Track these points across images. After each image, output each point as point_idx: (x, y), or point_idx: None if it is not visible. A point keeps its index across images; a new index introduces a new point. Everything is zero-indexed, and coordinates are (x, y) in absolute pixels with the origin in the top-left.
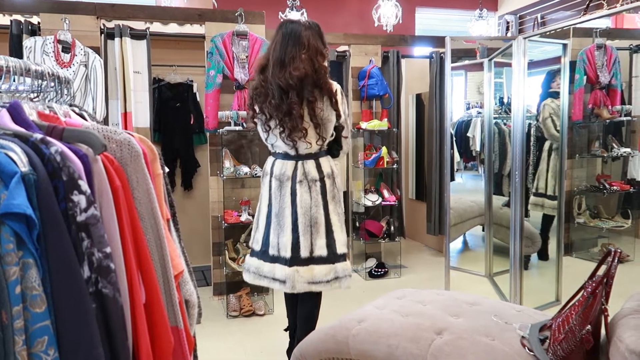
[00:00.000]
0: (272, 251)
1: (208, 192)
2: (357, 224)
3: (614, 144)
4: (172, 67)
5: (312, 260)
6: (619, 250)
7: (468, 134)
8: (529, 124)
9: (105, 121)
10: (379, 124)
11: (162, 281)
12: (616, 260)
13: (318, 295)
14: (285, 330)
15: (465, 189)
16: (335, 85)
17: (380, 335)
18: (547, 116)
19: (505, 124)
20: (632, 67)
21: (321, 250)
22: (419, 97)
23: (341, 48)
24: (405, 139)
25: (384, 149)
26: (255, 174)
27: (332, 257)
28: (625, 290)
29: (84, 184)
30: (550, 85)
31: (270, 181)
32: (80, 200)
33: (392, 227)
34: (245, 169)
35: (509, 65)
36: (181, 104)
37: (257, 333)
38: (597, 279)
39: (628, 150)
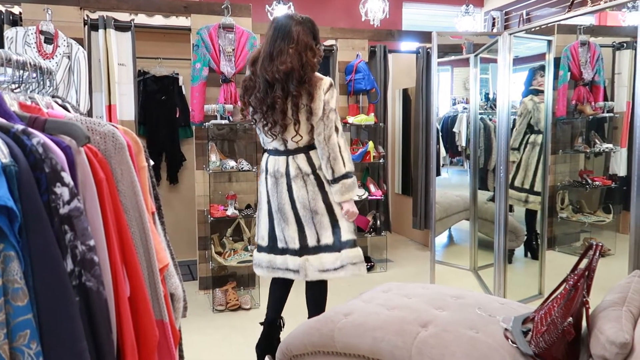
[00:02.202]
0: (280, 244)
1: (194, 186)
2: None
3: (596, 140)
4: (158, 59)
5: (320, 249)
6: (601, 244)
7: (454, 129)
8: (514, 120)
9: (89, 114)
10: (366, 119)
11: (147, 274)
12: (598, 254)
13: (325, 281)
14: (261, 323)
15: (451, 183)
16: (325, 82)
17: (366, 328)
18: (520, 114)
19: (490, 120)
20: (614, 64)
21: (328, 239)
22: (405, 92)
23: (328, 42)
24: (391, 133)
25: (370, 144)
26: (242, 168)
27: (339, 244)
28: (606, 284)
29: (66, 176)
30: (531, 83)
31: (266, 178)
32: (63, 192)
33: (378, 222)
34: (231, 163)
35: (495, 61)
36: (167, 97)
37: (243, 327)
38: (579, 272)
39: (610, 146)
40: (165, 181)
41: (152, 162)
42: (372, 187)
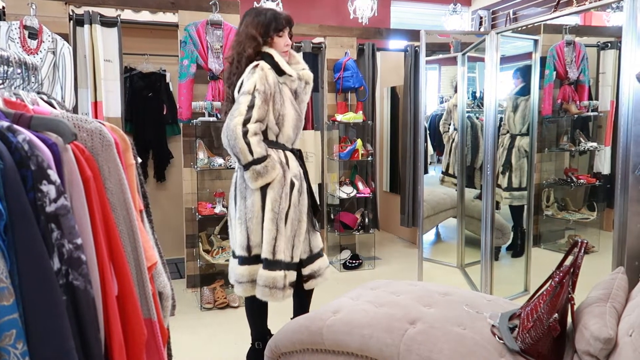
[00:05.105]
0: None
1: (181, 184)
2: (332, 216)
3: (581, 139)
4: (144, 56)
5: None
6: (586, 242)
7: (441, 128)
8: (501, 118)
9: (75, 110)
10: (354, 117)
11: (135, 273)
12: (582, 251)
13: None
14: (258, 345)
15: (438, 181)
16: (250, 66)
17: (355, 325)
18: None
19: (477, 118)
20: (599, 64)
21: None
22: (393, 90)
23: (317, 40)
24: (380, 131)
25: (358, 142)
26: (230, 166)
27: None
28: (590, 280)
29: (53, 174)
30: (515, 84)
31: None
32: (50, 190)
33: (366, 219)
34: (219, 161)
35: (482, 59)
36: (154, 93)
37: (231, 325)
38: (564, 269)
39: (594, 144)
40: (152, 179)
41: (139, 160)
42: (360, 185)
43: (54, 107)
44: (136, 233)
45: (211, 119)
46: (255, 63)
